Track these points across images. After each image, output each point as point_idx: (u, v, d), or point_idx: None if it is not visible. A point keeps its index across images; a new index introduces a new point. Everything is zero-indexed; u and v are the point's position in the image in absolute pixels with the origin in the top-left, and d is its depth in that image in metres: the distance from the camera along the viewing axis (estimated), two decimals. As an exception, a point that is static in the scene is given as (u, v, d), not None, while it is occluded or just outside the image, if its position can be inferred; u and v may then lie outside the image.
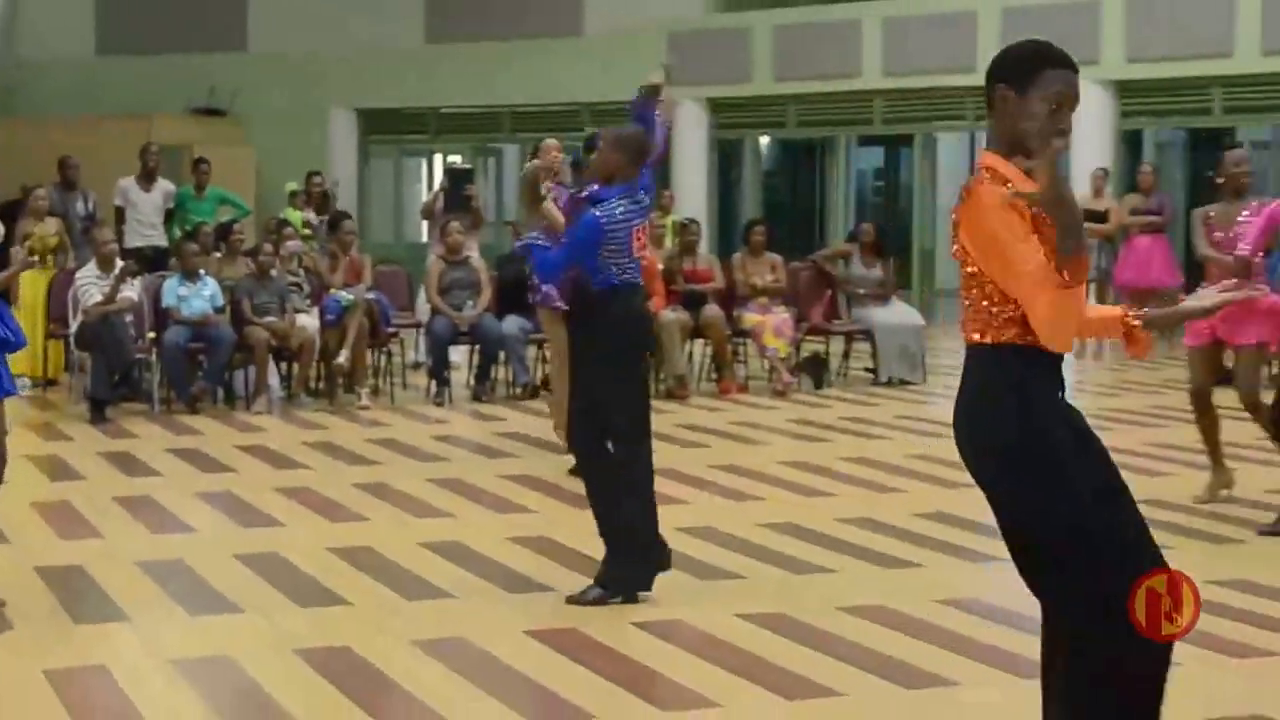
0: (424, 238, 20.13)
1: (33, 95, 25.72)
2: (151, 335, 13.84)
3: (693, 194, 22.63)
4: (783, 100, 23.22)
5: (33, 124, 24.34)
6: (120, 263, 13.75)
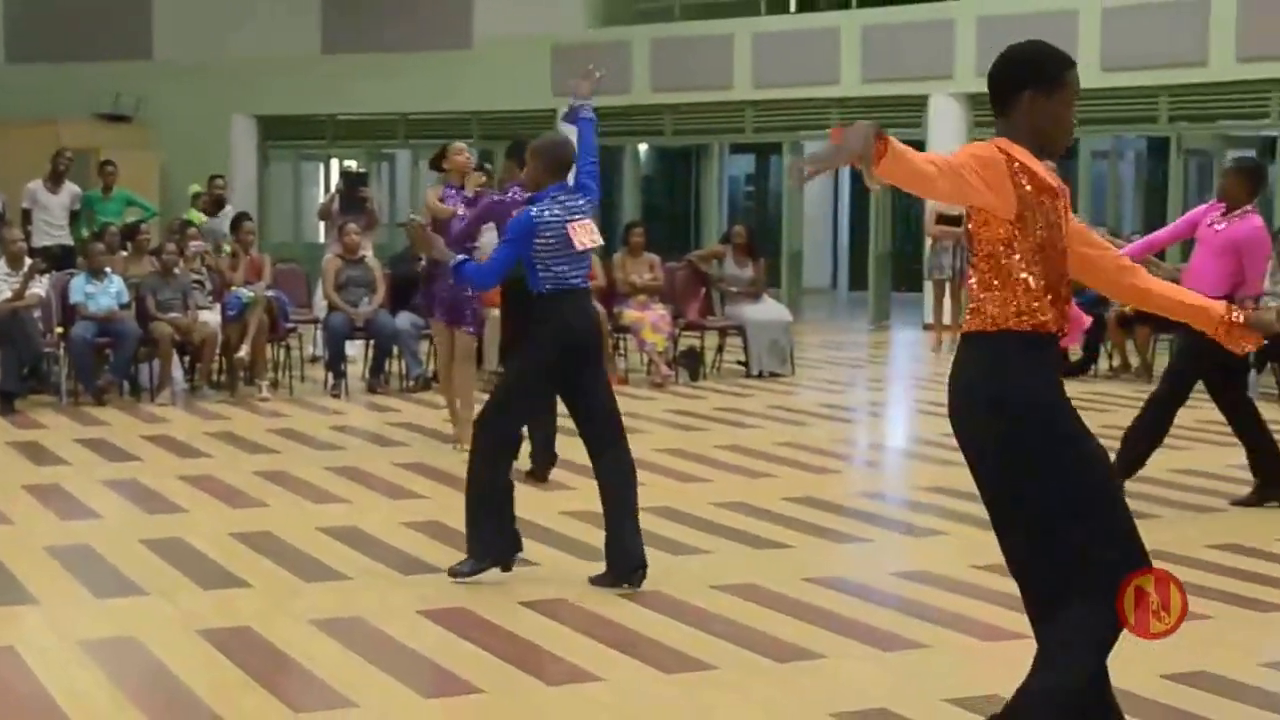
0: (321, 238, 20.00)
1: (-57, 101, 25.30)
2: (59, 330, 13.65)
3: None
4: (660, 110, 23.25)
5: (-57, 130, 23.95)
6: (29, 261, 13.57)
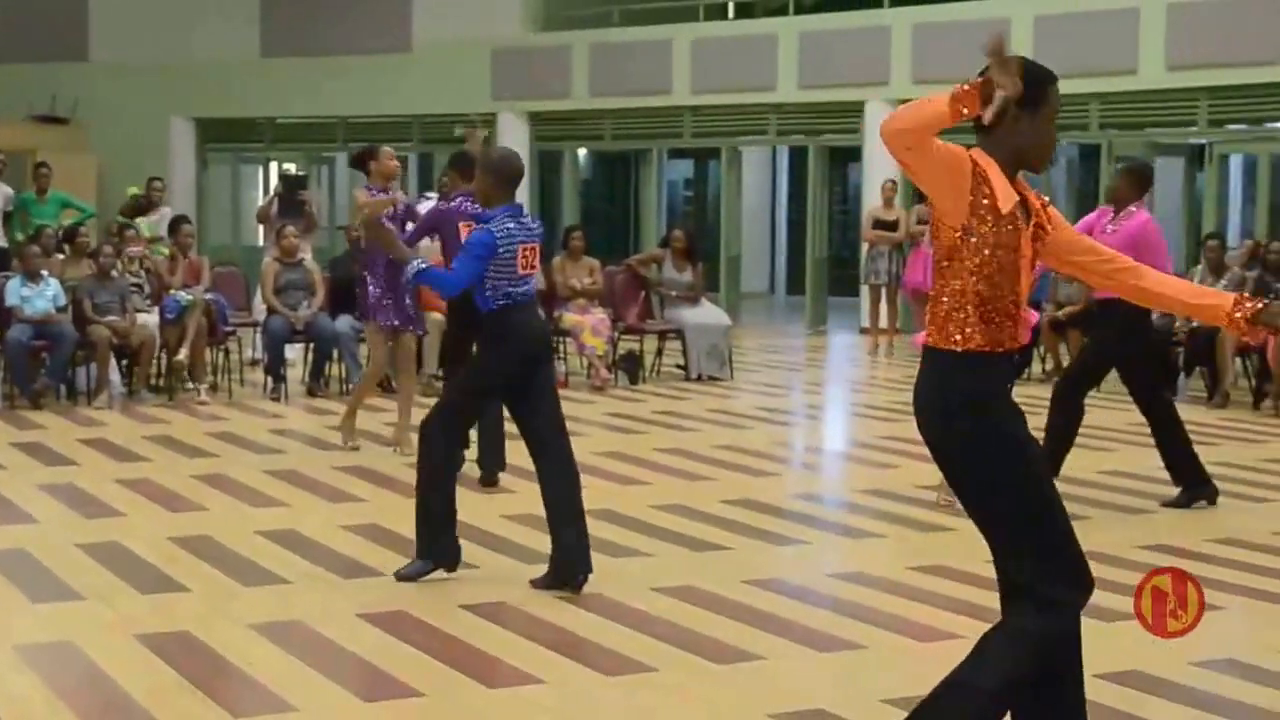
0: (260, 241, 19.90)
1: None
2: (-5, 333, 13.53)
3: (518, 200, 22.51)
4: (599, 114, 23.24)
5: (-122, 131, 23.68)
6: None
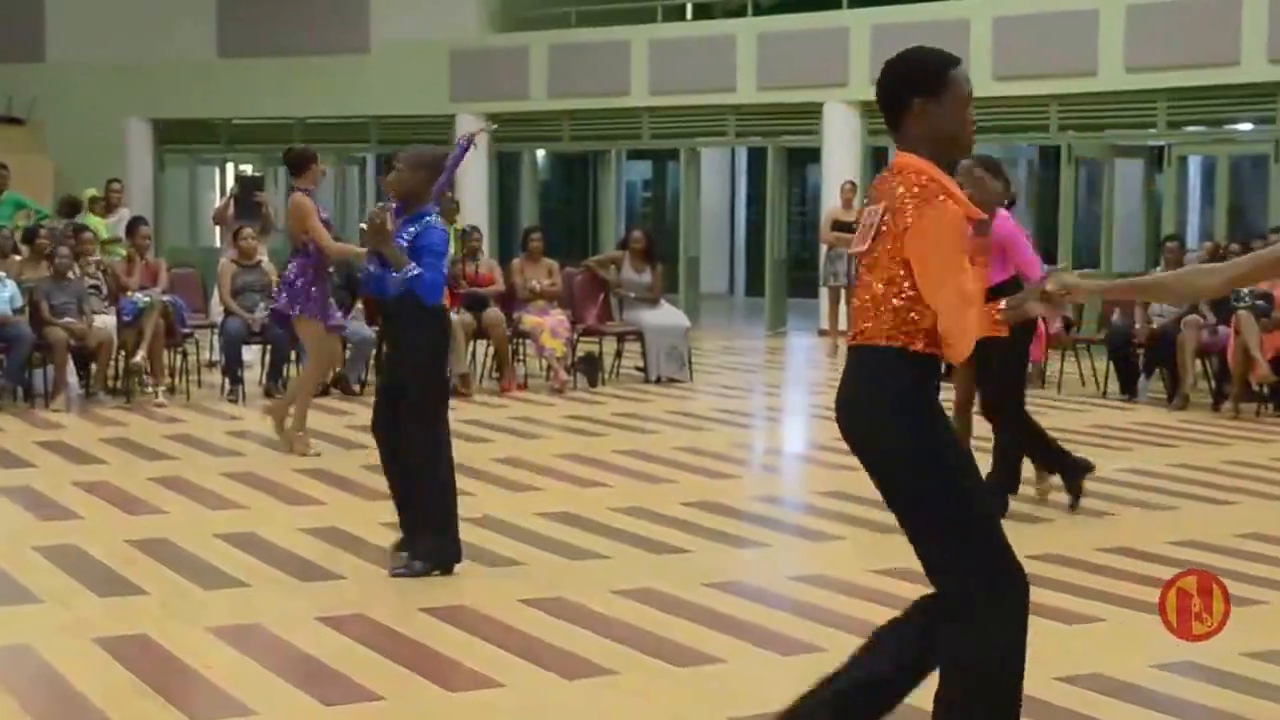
0: (217, 242, 19.82)
1: None
2: (-49, 335, 13.43)
3: (474, 203, 22.53)
4: (558, 116, 23.23)
5: None
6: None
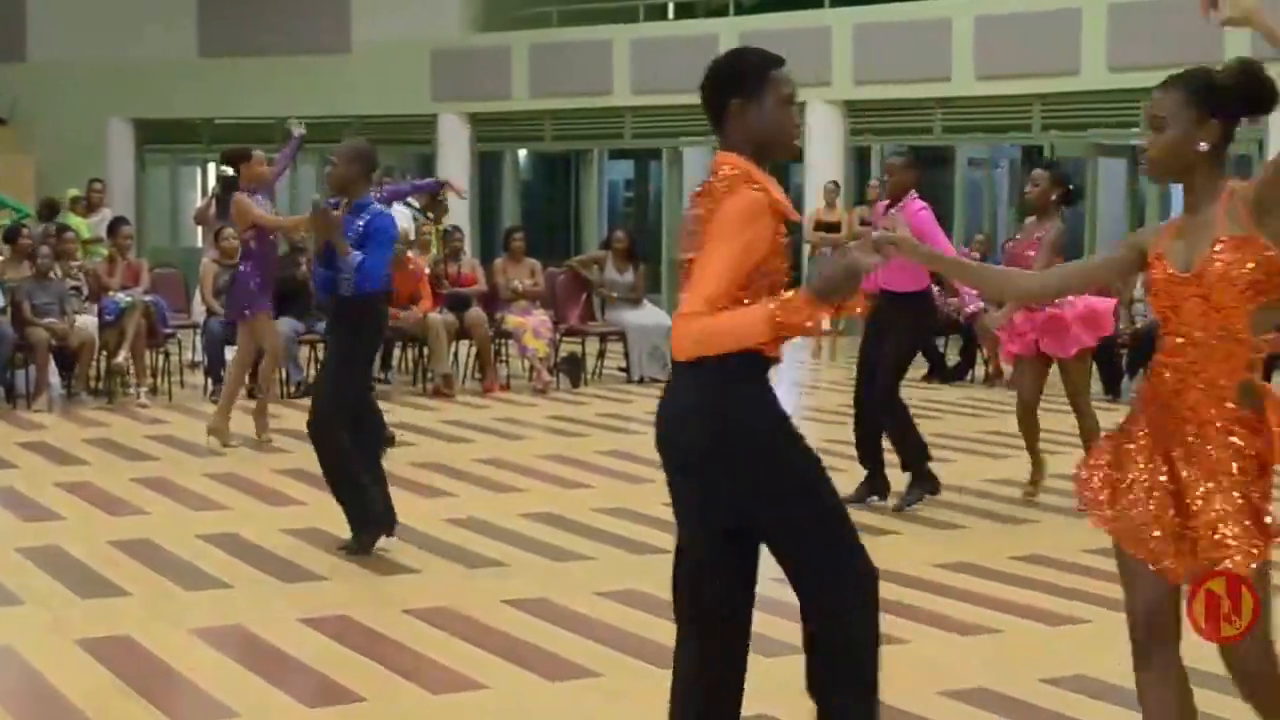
0: (199, 242, 19.78)
1: None
2: (-68, 336, 13.39)
3: (456, 203, 22.42)
4: (539, 115, 23.21)
5: None
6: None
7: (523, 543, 8.57)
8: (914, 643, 6.65)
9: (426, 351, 14.97)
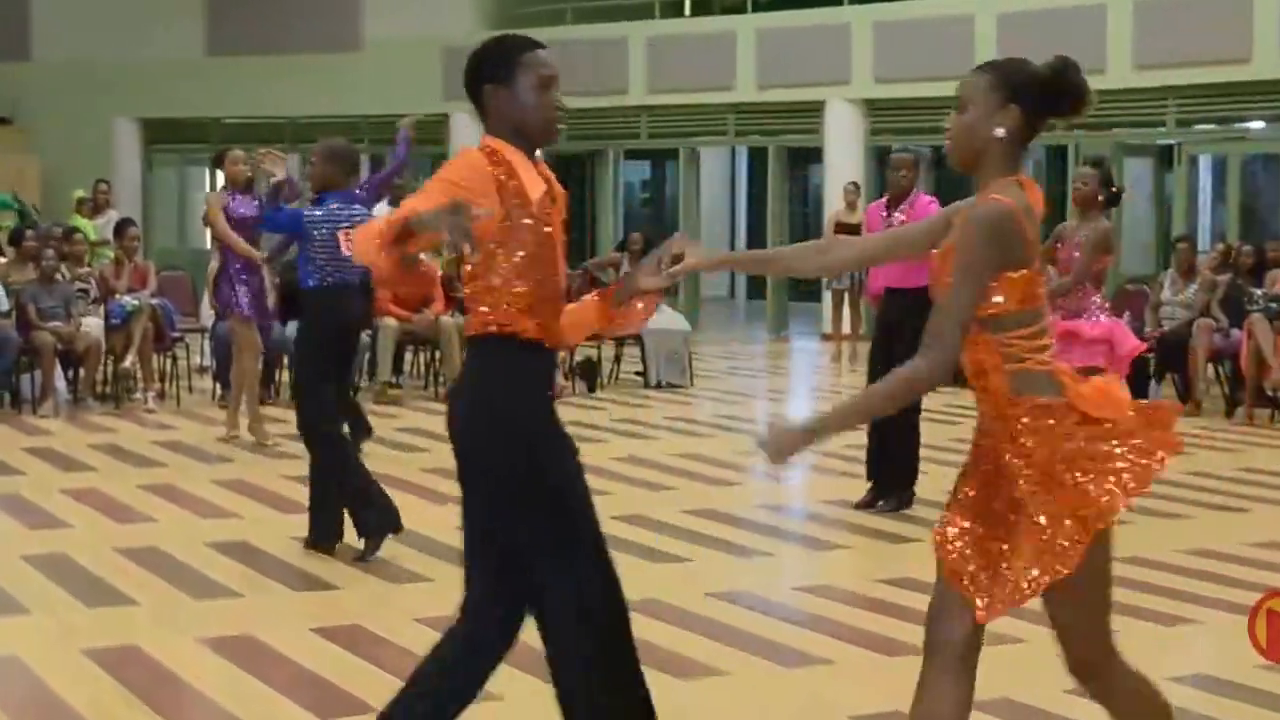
0: (207, 244, 19.80)
1: None
2: (-64, 340, 13.43)
3: (469, 205, 22.53)
4: (554, 115, 23.19)
5: None
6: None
7: (537, 550, 8.55)
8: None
9: (439, 355, 14.98)
